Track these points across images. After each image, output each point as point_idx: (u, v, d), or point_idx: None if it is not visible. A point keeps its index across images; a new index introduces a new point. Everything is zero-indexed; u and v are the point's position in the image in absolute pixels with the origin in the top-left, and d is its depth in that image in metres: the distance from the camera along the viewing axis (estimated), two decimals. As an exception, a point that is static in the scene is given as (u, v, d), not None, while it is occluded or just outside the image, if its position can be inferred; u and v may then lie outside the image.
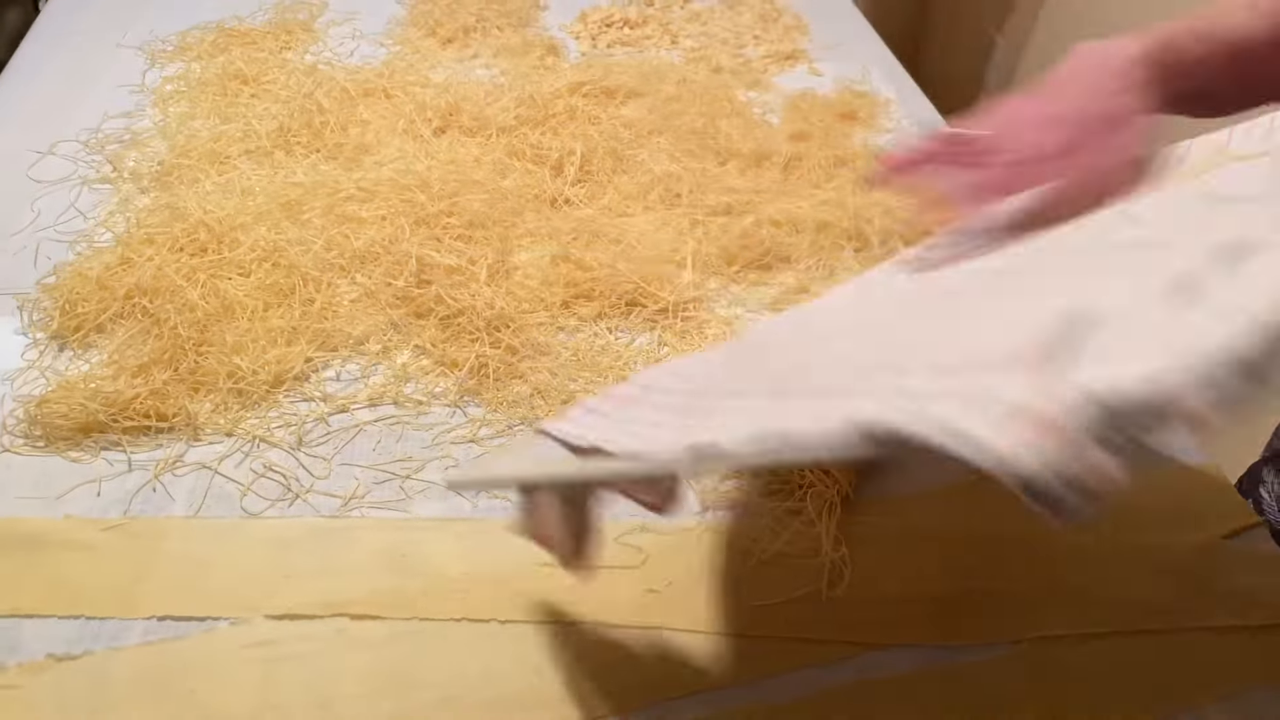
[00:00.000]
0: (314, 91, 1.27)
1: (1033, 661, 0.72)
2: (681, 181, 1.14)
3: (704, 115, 1.28)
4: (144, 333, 0.92)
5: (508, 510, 0.81)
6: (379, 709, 0.67)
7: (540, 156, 1.18)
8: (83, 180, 1.15)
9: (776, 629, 0.73)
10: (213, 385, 0.88)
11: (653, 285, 1.01)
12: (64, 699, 0.67)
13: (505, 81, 1.35)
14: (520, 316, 0.96)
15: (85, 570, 0.75)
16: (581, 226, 1.08)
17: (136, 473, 0.82)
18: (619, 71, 1.37)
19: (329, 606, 0.73)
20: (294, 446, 0.85)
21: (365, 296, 0.98)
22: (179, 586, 0.74)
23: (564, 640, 0.72)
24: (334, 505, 0.81)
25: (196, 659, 0.70)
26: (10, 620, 0.71)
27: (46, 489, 0.80)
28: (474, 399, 0.90)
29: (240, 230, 1.03)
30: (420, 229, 1.05)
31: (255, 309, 0.95)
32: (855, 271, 1.05)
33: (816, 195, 1.14)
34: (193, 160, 1.15)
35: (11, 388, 0.88)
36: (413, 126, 1.23)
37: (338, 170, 1.15)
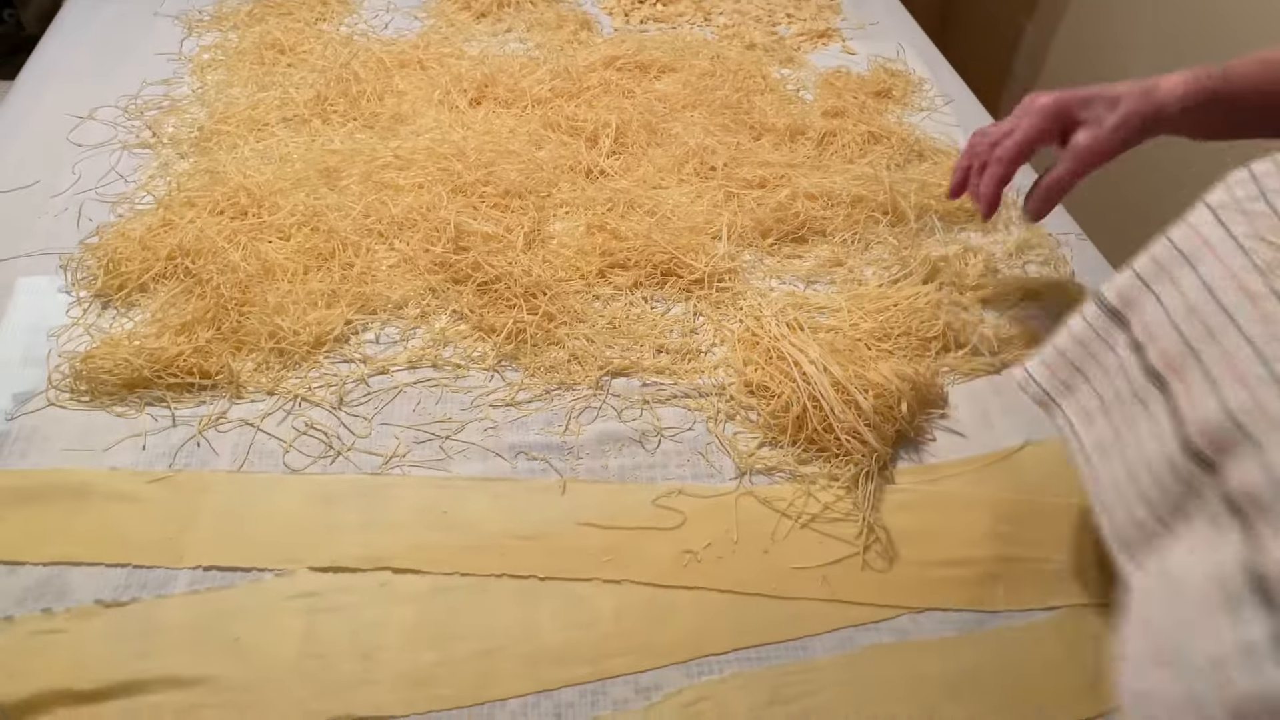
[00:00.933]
0: (350, 61, 1.28)
1: (1070, 628, 0.73)
2: (716, 155, 1.14)
3: (738, 91, 1.28)
4: (186, 292, 0.93)
5: (547, 471, 0.81)
6: (420, 660, 0.68)
7: (575, 128, 1.19)
8: (123, 145, 1.16)
9: (814, 591, 0.74)
10: (255, 345, 0.89)
11: (688, 256, 1.01)
12: (111, 643, 0.68)
13: (540, 55, 1.35)
14: (557, 284, 0.97)
15: (132, 520, 0.76)
16: (617, 197, 1.08)
17: (181, 428, 0.83)
18: (653, 47, 1.38)
19: (372, 560, 0.74)
20: (335, 406, 0.86)
21: (404, 262, 0.99)
22: (224, 538, 0.75)
23: (604, 597, 0.73)
24: (375, 463, 0.82)
25: (242, 608, 0.71)
26: (59, 567, 0.73)
27: (92, 442, 0.81)
28: (512, 363, 0.91)
29: (279, 195, 1.04)
30: (457, 197, 1.05)
31: (295, 271, 0.96)
32: (889, 245, 1.05)
33: (851, 170, 1.14)
34: (231, 126, 1.16)
35: (57, 344, 0.89)
36: (448, 97, 1.24)
37: (374, 139, 1.16)
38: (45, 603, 0.70)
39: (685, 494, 0.80)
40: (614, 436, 0.85)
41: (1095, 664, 0.70)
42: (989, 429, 0.88)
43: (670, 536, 0.77)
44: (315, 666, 0.67)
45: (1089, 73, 1.94)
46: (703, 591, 0.74)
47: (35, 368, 0.87)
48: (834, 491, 0.80)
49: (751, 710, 0.67)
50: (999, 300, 1.00)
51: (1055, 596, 0.74)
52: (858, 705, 0.67)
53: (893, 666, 0.70)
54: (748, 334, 0.92)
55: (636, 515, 0.79)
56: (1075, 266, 1.06)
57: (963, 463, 0.84)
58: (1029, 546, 0.78)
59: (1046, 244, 1.09)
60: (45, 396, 0.85)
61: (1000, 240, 1.09)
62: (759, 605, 0.73)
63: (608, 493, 0.80)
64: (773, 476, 0.82)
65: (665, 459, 0.83)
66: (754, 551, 0.76)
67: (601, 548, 0.76)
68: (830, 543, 0.77)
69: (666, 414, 0.87)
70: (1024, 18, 2.21)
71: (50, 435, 0.82)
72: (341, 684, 0.67)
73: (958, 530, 0.79)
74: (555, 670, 0.68)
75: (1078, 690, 0.69)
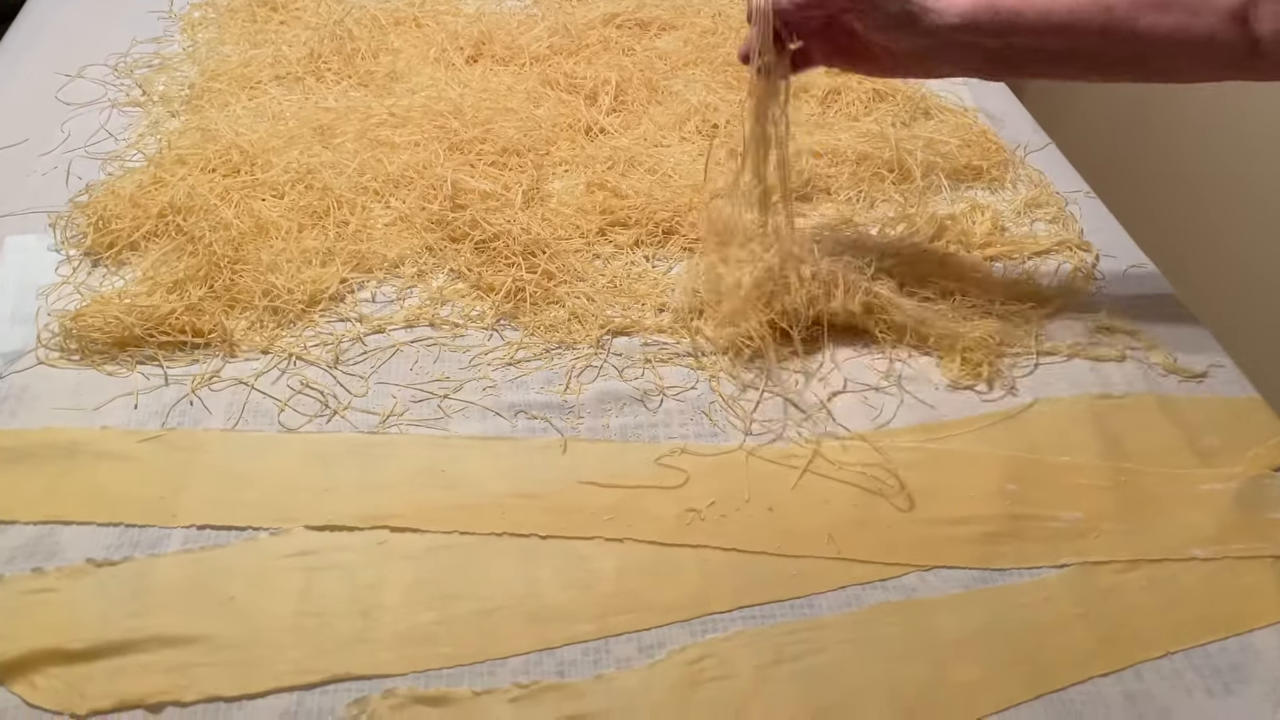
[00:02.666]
0: (344, 19, 1.25)
1: (1079, 586, 0.71)
2: (718, 112, 1.12)
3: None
4: (178, 250, 0.91)
5: (547, 430, 0.80)
6: (419, 619, 0.67)
7: (574, 86, 1.17)
8: (112, 103, 1.14)
9: (819, 550, 0.73)
10: (248, 303, 0.87)
11: (690, 215, 0.99)
12: (104, 602, 0.67)
13: (538, 12, 1.33)
14: (556, 242, 0.95)
15: (124, 479, 0.75)
16: (617, 155, 1.06)
17: (173, 387, 0.82)
18: (653, 4, 1.35)
19: (370, 519, 0.72)
20: (331, 365, 0.84)
21: (400, 220, 0.97)
22: (219, 497, 0.74)
23: (606, 556, 0.71)
24: (372, 422, 0.80)
25: (237, 567, 0.69)
26: (49, 526, 0.71)
27: (83, 401, 0.80)
28: (511, 322, 0.89)
29: (272, 153, 1.02)
30: (454, 155, 1.03)
31: (290, 229, 0.94)
32: (895, 203, 1.03)
33: (856, 128, 1.12)
34: (223, 84, 1.14)
35: (46, 302, 0.88)
36: (445, 55, 1.21)
37: (369, 97, 1.13)
38: (36, 562, 0.69)
39: (688, 453, 0.79)
40: (615, 395, 0.83)
41: (1106, 621, 0.69)
42: (996, 387, 0.86)
43: (673, 495, 0.76)
44: (312, 625, 0.66)
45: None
46: (706, 550, 0.72)
47: (24, 326, 0.86)
48: (842, 445, 0.79)
49: (757, 668, 0.65)
50: (1006, 258, 0.99)
51: (1064, 554, 0.73)
52: (864, 663, 0.66)
53: (900, 624, 0.69)
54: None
55: (638, 474, 0.77)
56: (1084, 225, 1.04)
57: (970, 420, 0.83)
58: (1037, 504, 0.76)
59: (1054, 202, 1.07)
60: (35, 355, 0.83)
61: (1008, 198, 1.07)
62: (763, 563, 0.72)
63: (609, 452, 0.79)
64: (774, 430, 0.81)
65: (668, 418, 0.82)
66: (758, 510, 0.75)
67: (603, 506, 0.74)
68: (836, 501, 0.76)
69: (668, 373, 0.85)
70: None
71: (40, 394, 0.80)
72: (339, 642, 0.65)
73: (965, 488, 0.77)
74: (557, 628, 0.67)
75: (1088, 648, 0.67)
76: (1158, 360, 0.89)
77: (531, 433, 0.80)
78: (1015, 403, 0.85)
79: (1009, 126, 1.20)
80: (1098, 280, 0.98)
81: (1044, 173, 1.12)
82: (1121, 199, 1.16)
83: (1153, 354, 0.89)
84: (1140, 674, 0.66)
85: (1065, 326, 0.92)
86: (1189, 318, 0.94)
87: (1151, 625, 0.69)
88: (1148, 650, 0.68)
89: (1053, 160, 1.15)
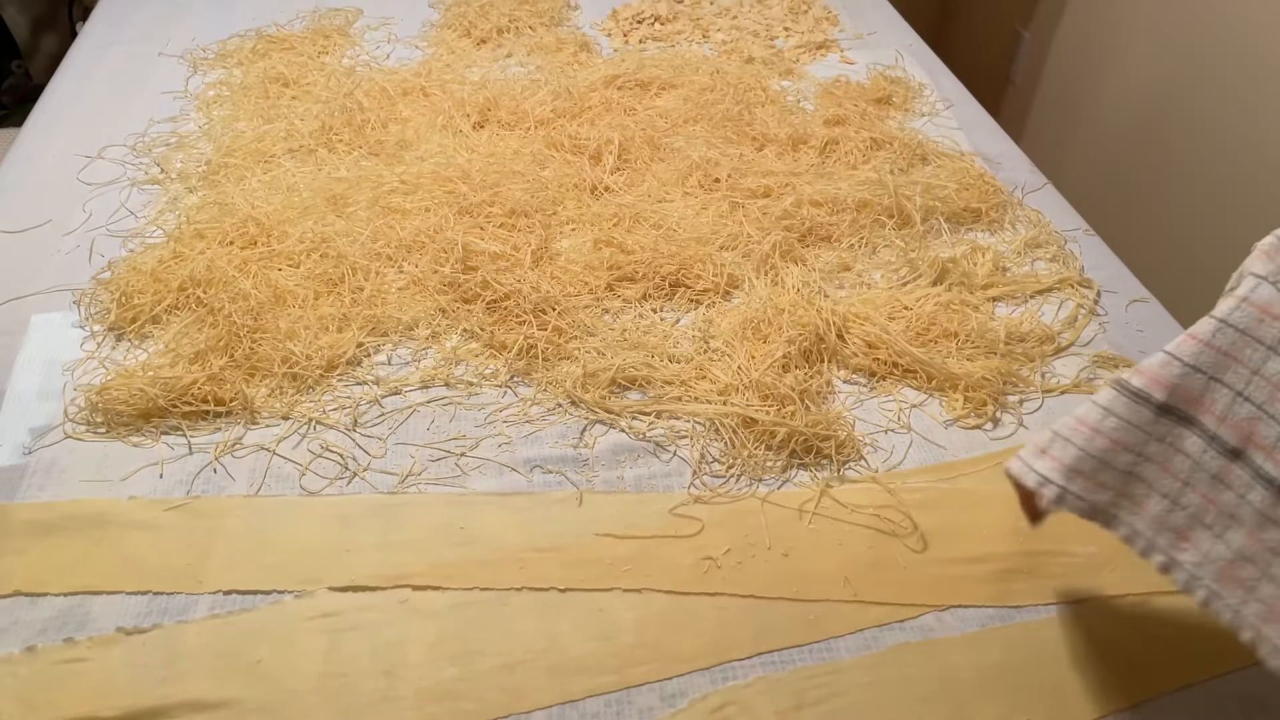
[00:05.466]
0: (354, 91, 1.29)
1: (1094, 621, 0.72)
2: (720, 166, 1.15)
3: (739, 103, 1.29)
4: (199, 322, 0.93)
5: (563, 484, 0.81)
6: (443, 675, 0.68)
7: (578, 146, 1.20)
8: (131, 181, 1.17)
9: (835, 593, 0.73)
10: (268, 370, 0.90)
11: (695, 267, 1.01)
12: (134, 670, 0.68)
13: (541, 77, 1.36)
14: (566, 299, 0.97)
15: (151, 548, 0.76)
16: (622, 212, 1.09)
17: (197, 455, 0.83)
18: (652, 65, 1.39)
19: (391, 578, 0.74)
20: (350, 427, 0.86)
21: (413, 284, 1.00)
22: (243, 562, 0.75)
23: (624, 607, 0.72)
24: (391, 482, 0.82)
25: (263, 630, 0.71)
26: (80, 597, 0.73)
27: (110, 472, 0.82)
28: (524, 379, 0.91)
29: (288, 224, 1.04)
30: (464, 218, 1.06)
31: (306, 297, 0.96)
32: (897, 248, 1.05)
33: (855, 176, 1.15)
34: (238, 159, 1.17)
35: (72, 378, 0.90)
36: (452, 122, 1.25)
37: (380, 165, 1.16)
38: (67, 632, 0.70)
39: (702, 502, 0.80)
40: (628, 447, 0.85)
41: (1125, 655, 0.69)
42: (1004, 425, 0.87)
43: (689, 544, 0.77)
44: (338, 685, 0.67)
45: (1089, 78, 1.95)
46: (723, 597, 0.73)
47: (51, 401, 0.88)
48: (853, 488, 0.80)
49: (778, 714, 0.66)
50: (1009, 298, 1.00)
51: (1080, 589, 0.74)
52: (884, 705, 0.67)
53: (918, 665, 0.69)
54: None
55: (654, 524, 0.78)
56: (1084, 261, 1.06)
57: (980, 459, 0.84)
58: (1050, 541, 0.77)
59: (1054, 240, 1.08)
60: (62, 430, 0.85)
61: (1008, 239, 1.09)
62: (781, 609, 0.72)
63: (624, 503, 0.80)
64: (786, 480, 0.82)
65: (681, 468, 0.83)
66: (774, 555, 0.76)
67: (620, 557, 0.76)
68: (850, 543, 0.77)
69: (680, 424, 0.87)
70: (1020, 25, 2.22)
71: (68, 467, 0.82)
72: (364, 702, 0.66)
73: (978, 526, 0.78)
74: (579, 681, 0.68)
75: (1108, 681, 0.68)
76: (1164, 392, 0.90)
77: (548, 486, 0.81)
78: (1024, 439, 0.85)
79: (1006, 168, 1.23)
80: (1100, 315, 0.99)
81: (1042, 212, 1.13)
82: (1121, 236, 1.17)
83: (1158, 386, 0.90)
84: (1161, 706, 0.66)
85: (1070, 362, 0.93)
86: (1193, 349, 0.95)
87: (1170, 656, 0.69)
88: (1168, 681, 0.68)
89: (1051, 200, 1.17)
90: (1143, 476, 0.61)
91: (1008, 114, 2.29)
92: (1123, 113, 1.81)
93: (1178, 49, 1.64)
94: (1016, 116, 2.25)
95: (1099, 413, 0.61)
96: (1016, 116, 2.25)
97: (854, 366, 0.92)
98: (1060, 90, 2.09)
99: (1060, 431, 0.63)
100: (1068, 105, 2.05)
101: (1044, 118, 2.16)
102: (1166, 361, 0.59)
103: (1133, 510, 0.61)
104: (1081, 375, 0.92)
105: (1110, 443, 0.61)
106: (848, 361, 0.93)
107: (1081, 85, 2.00)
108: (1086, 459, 0.61)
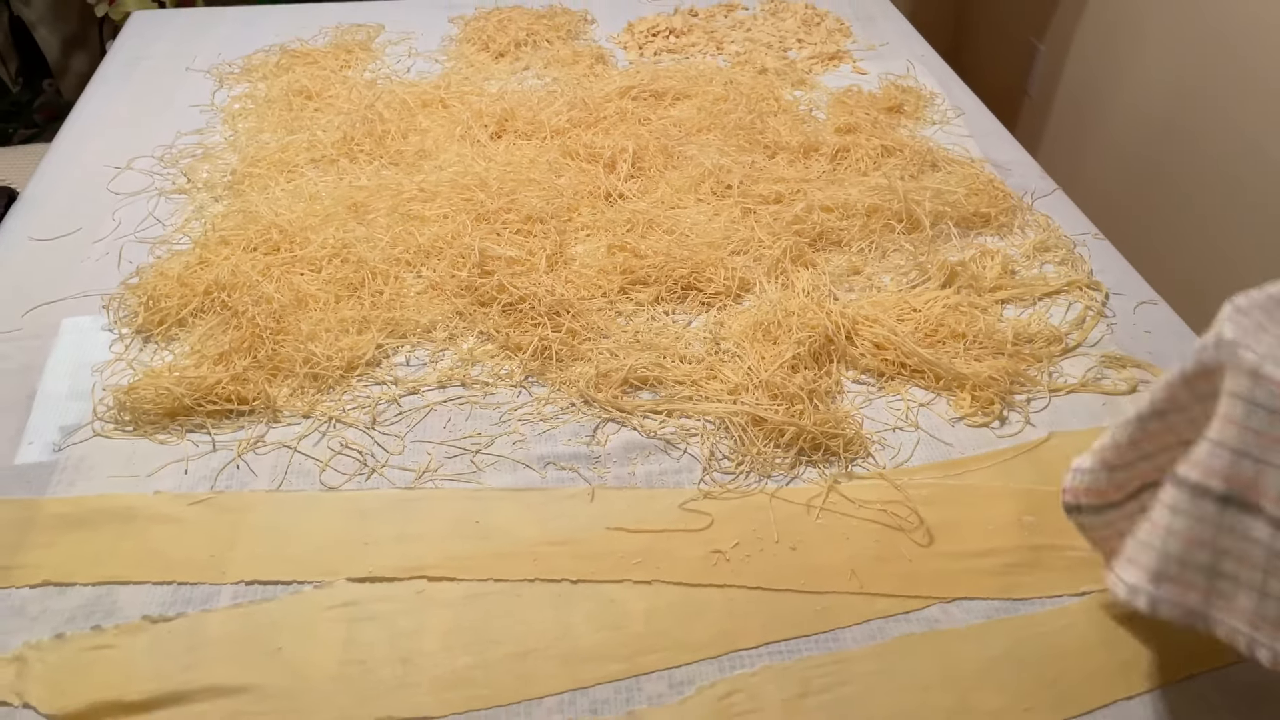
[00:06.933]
0: (375, 103, 1.32)
1: (1100, 612, 0.73)
2: (732, 174, 1.17)
3: (751, 113, 1.31)
4: (223, 324, 0.96)
5: (575, 480, 0.83)
6: (457, 663, 0.70)
7: (593, 155, 1.22)
8: (159, 191, 1.20)
9: (842, 585, 0.75)
10: (290, 371, 0.92)
11: (707, 271, 1.03)
12: (158, 657, 0.70)
13: (557, 88, 1.39)
14: (580, 302, 0.99)
15: (176, 541, 0.78)
16: (636, 218, 1.11)
17: (221, 452, 0.86)
18: (666, 76, 1.41)
19: (408, 570, 0.76)
20: (368, 426, 0.88)
21: (431, 288, 1.02)
22: (265, 554, 0.77)
23: (635, 598, 0.74)
24: (408, 479, 0.84)
25: (284, 619, 0.73)
26: (107, 587, 0.75)
27: (137, 468, 0.84)
28: (538, 379, 0.93)
29: (310, 230, 1.07)
30: (481, 225, 1.08)
31: (327, 301, 0.99)
32: (906, 252, 1.06)
33: (865, 182, 1.16)
34: (262, 169, 1.20)
35: (101, 378, 0.93)
36: (470, 132, 1.27)
37: (400, 174, 1.19)
38: (95, 620, 0.73)
39: (711, 497, 0.82)
40: (640, 445, 0.86)
41: (1128, 646, 0.70)
42: (1011, 423, 0.88)
43: (698, 538, 0.78)
44: (355, 672, 0.69)
45: (1103, 90, 1.96)
46: (732, 589, 0.75)
47: (81, 401, 0.91)
48: (861, 484, 0.82)
49: (784, 701, 0.67)
50: (1018, 300, 1.01)
51: (1084, 582, 0.75)
52: (890, 694, 0.68)
53: (924, 655, 0.70)
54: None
55: (664, 518, 0.80)
56: (1093, 265, 1.07)
57: (986, 456, 0.85)
58: (1055, 535, 0.78)
59: (1063, 244, 1.10)
60: (91, 428, 0.88)
61: (1017, 243, 1.10)
62: (788, 600, 0.74)
63: (635, 498, 0.82)
64: (795, 475, 0.83)
65: (691, 464, 0.85)
66: (781, 549, 0.77)
67: (631, 551, 0.77)
68: (857, 538, 0.78)
69: (690, 422, 0.88)
70: (1035, 38, 2.24)
71: (97, 464, 0.85)
72: (381, 688, 0.68)
73: (984, 521, 0.79)
74: (590, 668, 0.69)
75: (1111, 672, 0.69)
76: (1170, 392, 0.91)
77: (560, 482, 0.83)
78: (1030, 437, 0.87)
79: (1016, 175, 1.24)
80: (1108, 317, 1.00)
81: (1052, 217, 1.15)
82: (1130, 239, 1.18)
83: (1165, 386, 0.91)
84: (1165, 696, 0.67)
85: (1078, 363, 0.95)
86: (1200, 350, 0.96)
87: (1173, 648, 0.70)
88: (1171, 672, 0.69)
89: (1061, 205, 1.19)
90: (1225, 571, 0.60)
91: (1023, 126, 2.30)
92: (1137, 124, 1.82)
93: (1191, 61, 1.65)
94: (1032, 128, 2.26)
95: (1167, 513, 0.61)
96: (1032, 128, 2.26)
97: (863, 367, 0.94)
98: (1075, 102, 2.10)
99: (1140, 537, 0.63)
100: (1083, 117, 2.06)
101: (1059, 129, 2.16)
102: (1213, 450, 0.59)
103: (1225, 608, 0.61)
104: (1089, 375, 0.93)
105: (1184, 542, 0.60)
106: (857, 362, 0.94)
107: (1096, 97, 2.01)
108: (1168, 561, 0.61)
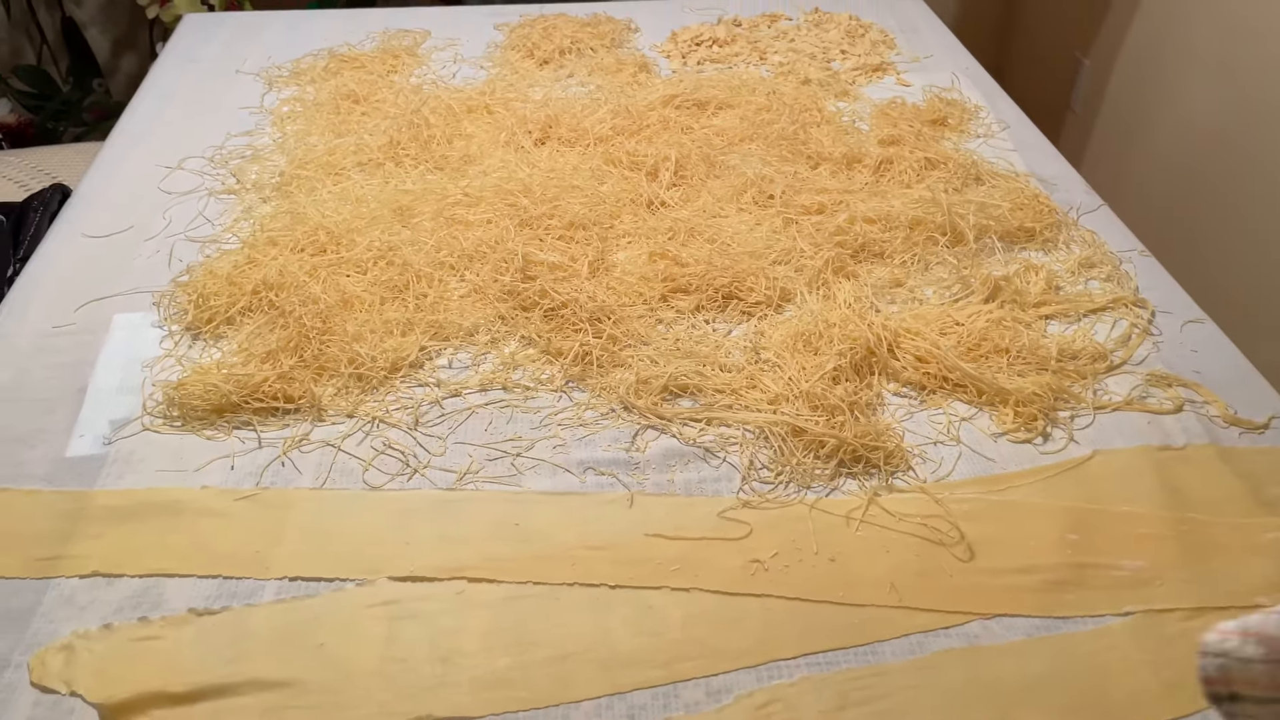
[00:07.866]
0: (421, 108, 1.33)
1: (1144, 633, 0.72)
2: (774, 184, 1.17)
3: (794, 123, 1.31)
4: (270, 324, 0.97)
5: (614, 486, 0.84)
6: (496, 664, 0.70)
7: (636, 163, 1.22)
8: (209, 191, 1.22)
9: (882, 599, 0.74)
10: (335, 371, 0.93)
11: (748, 280, 1.03)
12: (203, 649, 0.71)
13: (601, 96, 1.40)
14: (621, 309, 1.00)
15: (222, 535, 0.80)
16: (677, 226, 1.11)
17: (266, 449, 0.87)
18: (709, 85, 1.42)
19: (449, 570, 0.76)
20: (411, 427, 0.89)
21: (474, 292, 1.03)
22: (309, 550, 0.78)
23: (673, 605, 0.74)
24: (450, 480, 0.84)
25: (326, 616, 0.74)
26: (155, 579, 0.76)
27: (184, 463, 0.86)
28: (579, 384, 0.94)
29: (356, 233, 1.09)
30: (524, 230, 1.09)
31: (373, 302, 1.00)
32: (949, 265, 1.06)
33: (908, 194, 1.16)
34: (310, 171, 1.22)
35: (151, 373, 0.94)
36: (514, 138, 1.29)
37: (445, 179, 1.20)
38: (142, 611, 0.74)
39: (750, 507, 0.82)
40: (679, 452, 0.87)
41: (1172, 667, 0.70)
42: (1055, 440, 0.88)
43: (737, 546, 0.78)
44: (396, 670, 0.70)
45: (1151, 104, 1.94)
46: (770, 599, 0.75)
47: (131, 395, 0.92)
48: (902, 497, 0.81)
49: (822, 713, 0.67)
50: (1062, 316, 1.01)
51: (1128, 602, 0.74)
52: (928, 709, 0.67)
53: (963, 671, 0.70)
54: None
55: (703, 526, 0.80)
56: (1139, 282, 1.06)
57: (1029, 473, 0.84)
58: (1099, 553, 0.77)
59: (1109, 260, 1.09)
60: (140, 422, 0.90)
61: (1062, 258, 1.10)
62: (827, 612, 0.74)
63: (674, 505, 0.82)
64: (834, 486, 0.83)
65: (730, 473, 0.85)
66: (820, 560, 0.77)
67: (670, 557, 0.77)
68: (897, 551, 0.78)
69: (730, 431, 0.89)
70: (1080, 53, 2.22)
71: (145, 458, 0.86)
72: (421, 686, 0.69)
73: (1026, 538, 0.79)
74: (628, 674, 0.70)
75: (1154, 693, 0.68)
76: (1217, 412, 0.90)
77: (600, 488, 0.84)
78: (1074, 455, 0.86)
79: (1061, 190, 1.23)
80: (1154, 335, 0.99)
81: (1097, 233, 1.14)
82: (1176, 257, 1.17)
83: (1212, 406, 0.90)
84: (1208, 719, 0.66)
85: (1122, 380, 0.94)
86: (1248, 370, 0.95)
87: (1219, 671, 0.69)
88: (1215, 696, 0.68)
89: (1106, 221, 1.18)
90: None
91: (1067, 140, 2.28)
92: (1183, 140, 1.80)
93: (1237, 79, 1.63)
94: (1076, 143, 2.24)
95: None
96: (1076, 143, 2.24)
97: (904, 380, 0.93)
98: (1120, 116, 2.08)
99: None
100: (1128, 132, 2.04)
101: (1103, 144, 2.15)
102: None
103: None
104: (1134, 393, 0.92)
105: None
106: (898, 375, 0.94)
107: (1142, 112, 1.99)
108: None
